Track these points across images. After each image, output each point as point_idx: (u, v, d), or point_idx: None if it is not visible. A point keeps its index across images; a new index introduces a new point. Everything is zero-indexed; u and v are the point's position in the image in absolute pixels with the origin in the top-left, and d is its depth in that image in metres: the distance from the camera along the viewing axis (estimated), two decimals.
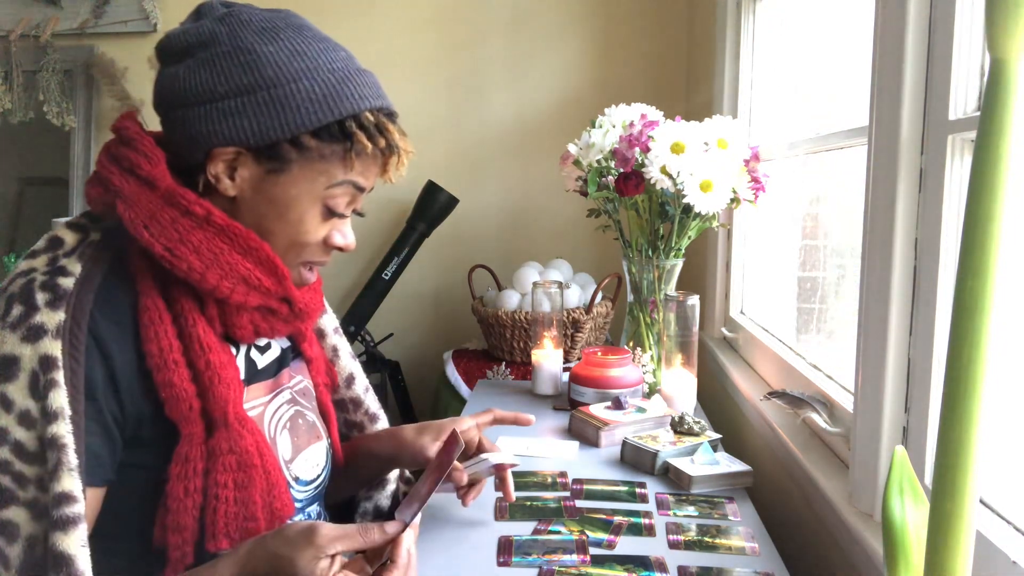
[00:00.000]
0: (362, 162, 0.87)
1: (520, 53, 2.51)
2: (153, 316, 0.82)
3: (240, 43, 0.83)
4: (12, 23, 2.58)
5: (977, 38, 0.83)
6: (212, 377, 0.83)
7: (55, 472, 0.73)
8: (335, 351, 1.13)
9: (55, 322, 0.77)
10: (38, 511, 0.74)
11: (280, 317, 0.90)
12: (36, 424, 0.75)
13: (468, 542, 1.02)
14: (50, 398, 0.74)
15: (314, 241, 0.89)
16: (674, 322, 1.51)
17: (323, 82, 0.83)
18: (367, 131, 0.85)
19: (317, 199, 0.87)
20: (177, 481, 0.81)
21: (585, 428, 1.40)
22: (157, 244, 0.81)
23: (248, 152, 0.84)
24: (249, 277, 0.84)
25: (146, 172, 0.83)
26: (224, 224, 0.83)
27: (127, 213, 0.81)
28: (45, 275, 0.80)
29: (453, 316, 2.59)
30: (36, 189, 2.77)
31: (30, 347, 0.76)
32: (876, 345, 0.96)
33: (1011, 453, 0.83)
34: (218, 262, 0.83)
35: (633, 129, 1.56)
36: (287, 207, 0.86)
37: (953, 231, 0.85)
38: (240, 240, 0.84)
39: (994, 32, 0.42)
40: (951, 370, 0.45)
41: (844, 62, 1.47)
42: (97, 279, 0.82)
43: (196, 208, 0.82)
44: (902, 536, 0.54)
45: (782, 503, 1.33)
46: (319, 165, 0.85)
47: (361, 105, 0.85)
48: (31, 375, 0.75)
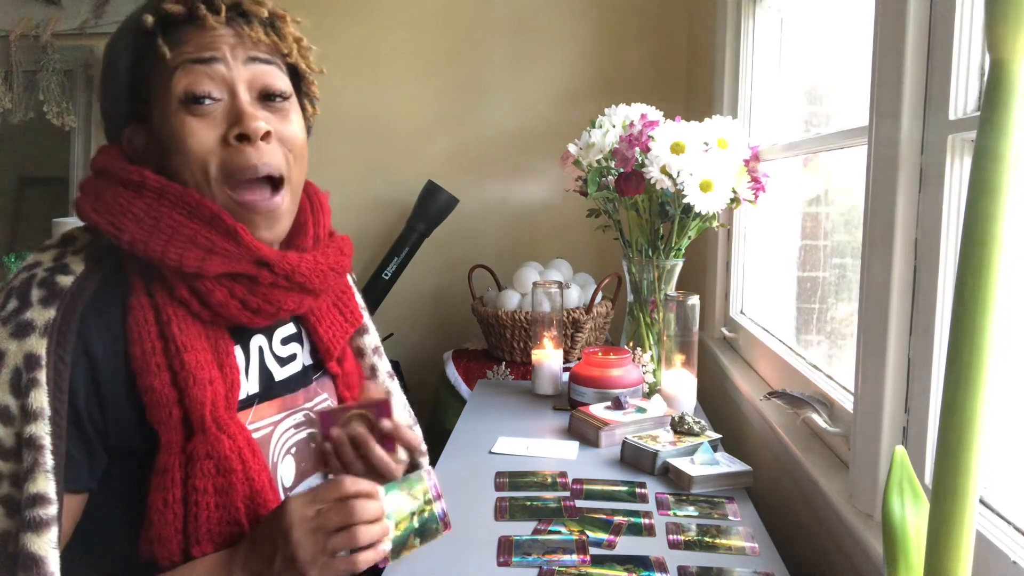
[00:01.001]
0: (186, 41, 0.81)
1: (520, 53, 2.51)
2: (139, 316, 0.79)
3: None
4: (12, 23, 2.58)
5: (977, 38, 0.83)
6: (187, 378, 0.79)
7: (30, 473, 0.72)
8: (373, 370, 1.09)
9: (44, 319, 0.75)
10: (11, 508, 0.73)
11: (265, 285, 0.83)
12: (15, 421, 0.73)
13: (468, 542, 1.02)
14: (31, 397, 0.73)
15: (204, 146, 0.80)
16: (674, 322, 1.51)
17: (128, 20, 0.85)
18: (152, 11, 0.81)
19: (172, 104, 0.80)
20: (156, 492, 0.78)
21: (585, 428, 1.40)
22: (102, 220, 0.80)
23: (137, 123, 0.85)
24: (196, 238, 0.79)
25: (99, 164, 0.84)
26: (160, 186, 0.80)
27: (83, 202, 0.82)
28: (47, 271, 0.78)
29: (453, 316, 2.58)
30: (36, 189, 2.77)
31: (16, 343, 0.74)
32: (876, 345, 0.96)
33: (1011, 453, 0.83)
34: (159, 227, 0.79)
35: (633, 129, 1.56)
36: (162, 136, 0.82)
37: (953, 231, 0.85)
38: (179, 199, 0.79)
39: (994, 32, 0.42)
40: (951, 370, 0.45)
41: (844, 62, 1.47)
42: (95, 280, 0.80)
43: (132, 175, 0.81)
44: (902, 536, 0.54)
45: (782, 503, 1.33)
46: (155, 81, 0.82)
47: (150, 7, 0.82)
48: (14, 371, 0.74)
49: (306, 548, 0.75)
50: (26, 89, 2.58)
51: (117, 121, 0.86)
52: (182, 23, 0.81)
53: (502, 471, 1.24)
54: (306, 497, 0.78)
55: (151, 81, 0.83)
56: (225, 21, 0.81)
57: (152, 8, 0.82)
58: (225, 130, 0.81)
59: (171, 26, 0.81)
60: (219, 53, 0.81)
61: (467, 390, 2.02)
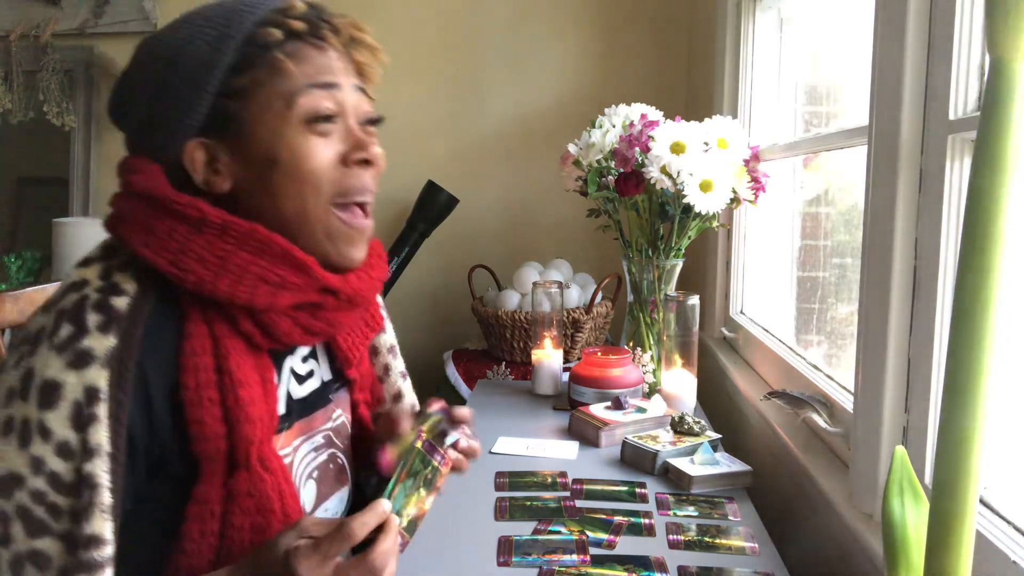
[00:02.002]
0: (304, 60, 0.78)
1: (520, 53, 2.51)
2: (196, 345, 0.76)
3: (139, 55, 0.81)
4: (12, 23, 2.58)
5: (977, 38, 0.83)
6: (240, 415, 0.77)
7: (86, 512, 0.70)
8: (386, 370, 1.07)
9: (104, 348, 0.71)
10: (72, 544, 0.70)
11: (329, 309, 0.82)
12: (75, 456, 0.70)
13: (468, 542, 1.02)
14: (89, 433, 0.70)
15: (325, 166, 0.79)
16: (674, 322, 1.51)
17: (214, 23, 0.78)
18: (275, 24, 0.78)
19: (291, 123, 0.78)
20: (193, 522, 0.77)
21: (585, 428, 1.40)
22: (160, 259, 0.75)
23: (207, 137, 0.78)
24: (266, 275, 0.77)
25: (139, 186, 0.78)
26: (223, 223, 0.76)
27: (127, 233, 0.77)
28: (99, 292, 0.74)
29: (453, 316, 2.58)
30: (36, 189, 2.77)
31: (75, 374, 0.70)
32: (876, 345, 0.96)
33: (1011, 453, 0.83)
34: (226, 267, 0.76)
35: (633, 129, 1.56)
36: (273, 154, 0.78)
37: (953, 231, 0.85)
38: (246, 237, 0.77)
39: (994, 32, 0.42)
40: (951, 370, 0.45)
41: (844, 62, 1.47)
42: (150, 303, 0.76)
43: (190, 211, 0.76)
44: (902, 536, 0.54)
45: (782, 503, 1.33)
46: (265, 93, 0.78)
47: (258, 12, 0.78)
48: (74, 405, 0.70)
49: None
50: (26, 89, 2.57)
51: (176, 133, 0.78)
52: (295, 38, 0.79)
53: (502, 471, 1.24)
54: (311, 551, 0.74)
55: (253, 98, 0.78)
56: (340, 44, 0.81)
57: (274, 21, 0.78)
58: (345, 152, 0.80)
59: (285, 40, 0.79)
60: (337, 79, 0.80)
61: (467, 390, 2.02)
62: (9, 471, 0.70)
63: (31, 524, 0.70)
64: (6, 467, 0.70)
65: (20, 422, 0.71)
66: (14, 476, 0.70)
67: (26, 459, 0.70)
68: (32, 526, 0.70)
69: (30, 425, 0.70)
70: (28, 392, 0.71)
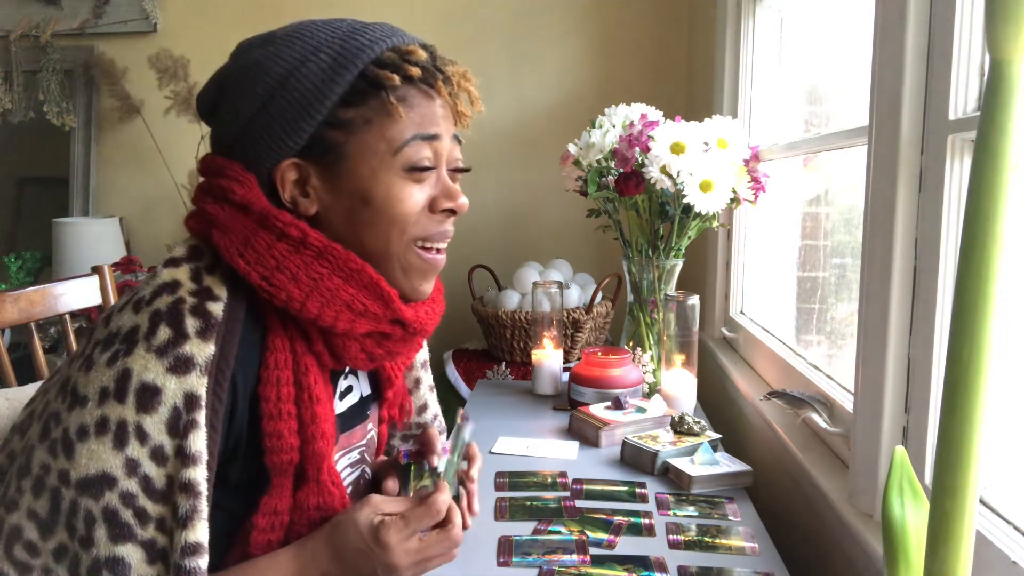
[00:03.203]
0: (413, 107, 0.79)
1: (520, 53, 2.51)
2: (278, 359, 0.78)
3: (245, 61, 0.80)
4: (12, 23, 2.58)
5: (977, 38, 0.83)
6: (315, 432, 0.79)
7: (188, 520, 0.70)
8: (417, 383, 1.09)
9: (205, 356, 0.72)
10: (153, 554, 0.70)
11: (395, 339, 0.84)
12: (168, 462, 0.70)
13: (468, 542, 1.02)
14: (190, 440, 0.70)
15: (415, 211, 0.81)
16: (674, 322, 1.51)
17: (329, 49, 0.77)
18: (393, 67, 0.77)
19: (392, 167, 0.79)
20: (261, 533, 0.79)
21: (585, 428, 1.40)
22: (254, 273, 0.76)
23: (302, 159, 0.79)
24: (353, 303, 0.78)
25: (239, 196, 0.78)
26: (322, 246, 0.77)
27: (222, 241, 0.76)
28: (194, 296, 0.75)
29: (453, 316, 2.57)
30: (36, 189, 2.77)
31: (175, 380, 0.71)
32: (876, 345, 0.96)
33: (1011, 453, 0.83)
34: (318, 289, 0.77)
35: (633, 129, 1.56)
36: (368, 192, 0.79)
37: (953, 231, 0.85)
38: (341, 262, 0.78)
39: (994, 32, 0.42)
40: (951, 370, 0.45)
41: (844, 62, 1.47)
42: (241, 309, 0.77)
43: (292, 230, 0.77)
44: (902, 536, 0.54)
45: (782, 503, 1.33)
46: (371, 133, 0.78)
47: (376, 48, 0.78)
48: (172, 411, 0.70)
49: (413, 572, 0.81)
50: (26, 89, 2.58)
51: (276, 151, 0.78)
52: (408, 82, 0.79)
53: (502, 471, 1.24)
54: (403, 530, 0.80)
55: (357, 133, 0.78)
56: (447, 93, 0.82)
57: (393, 64, 0.78)
58: (434, 197, 0.83)
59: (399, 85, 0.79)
60: (440, 130, 0.82)
61: (467, 390, 2.02)
62: (102, 471, 0.70)
63: (115, 528, 0.69)
64: (99, 467, 0.70)
65: (116, 423, 0.70)
66: (106, 477, 0.69)
67: (121, 461, 0.70)
68: (115, 531, 0.69)
69: (127, 427, 0.70)
70: (125, 393, 0.70)
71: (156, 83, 2.45)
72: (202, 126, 2.45)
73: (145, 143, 2.58)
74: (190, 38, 2.54)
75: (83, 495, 0.70)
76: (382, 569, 0.80)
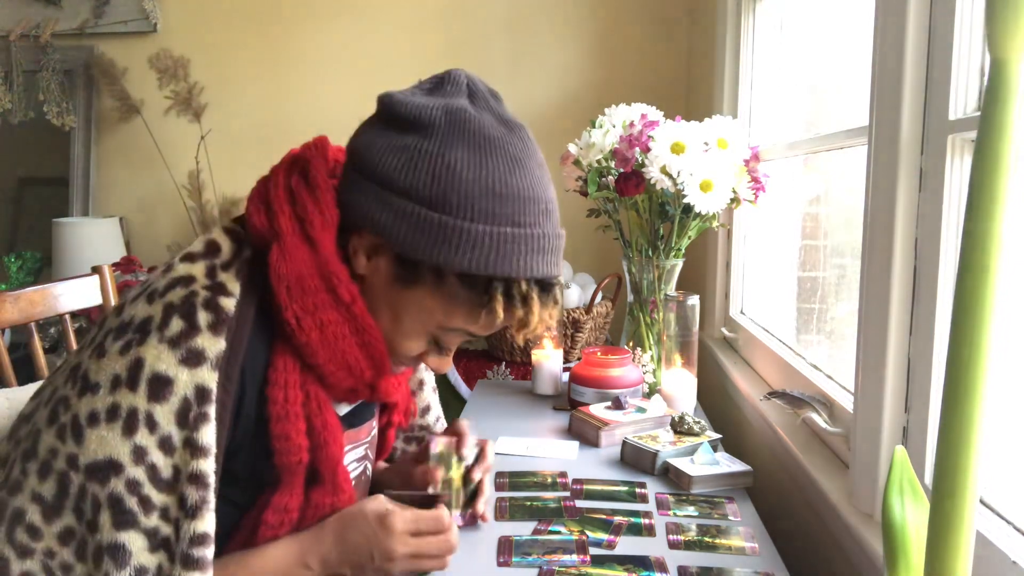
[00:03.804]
0: (490, 320, 0.82)
1: (520, 53, 2.51)
2: (287, 363, 0.80)
3: (447, 150, 0.78)
4: (12, 23, 2.58)
5: (977, 38, 0.83)
6: (327, 437, 0.82)
7: (197, 511, 0.72)
8: (420, 384, 1.13)
9: (216, 351, 0.74)
10: (155, 543, 0.72)
11: (360, 397, 0.89)
12: (175, 452, 0.72)
13: (468, 542, 1.02)
14: (200, 432, 0.72)
15: (410, 356, 0.87)
16: (674, 322, 1.51)
17: (499, 235, 0.78)
18: (510, 299, 0.80)
19: (429, 329, 0.84)
20: (269, 528, 0.81)
21: (585, 428, 1.40)
22: (290, 309, 0.78)
23: (392, 250, 0.80)
24: (355, 367, 0.82)
25: (316, 232, 0.79)
26: (360, 315, 0.81)
27: (278, 263, 0.78)
28: (207, 291, 0.76)
29: None
30: (36, 189, 2.77)
31: (187, 372, 0.72)
32: (876, 345, 0.96)
33: (1011, 453, 0.83)
34: (335, 346, 0.80)
35: (633, 129, 1.55)
36: (400, 318, 0.83)
37: (953, 231, 0.85)
38: (366, 335, 0.82)
39: (994, 32, 0.42)
40: (951, 370, 0.45)
41: (844, 62, 1.47)
42: (252, 307, 0.79)
43: (343, 292, 0.80)
44: (902, 536, 0.54)
45: (782, 503, 1.33)
46: (447, 303, 0.81)
47: (521, 272, 0.80)
48: (183, 402, 0.72)
49: (402, 568, 0.85)
50: (26, 89, 2.58)
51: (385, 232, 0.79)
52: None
53: (502, 471, 1.24)
54: (409, 523, 0.85)
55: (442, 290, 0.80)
56: None
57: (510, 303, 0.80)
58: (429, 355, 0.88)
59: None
60: (485, 334, 0.86)
61: (467, 390, 2.02)
62: (110, 457, 0.71)
63: (119, 515, 0.71)
64: (108, 453, 0.71)
65: (127, 411, 0.71)
66: (113, 463, 0.71)
67: (129, 447, 0.71)
68: (119, 517, 0.71)
69: (137, 415, 0.71)
70: (137, 382, 0.72)
71: (156, 83, 2.45)
72: (202, 126, 2.45)
73: (145, 143, 2.58)
74: (190, 38, 2.54)
75: (91, 480, 0.71)
76: (379, 553, 0.84)
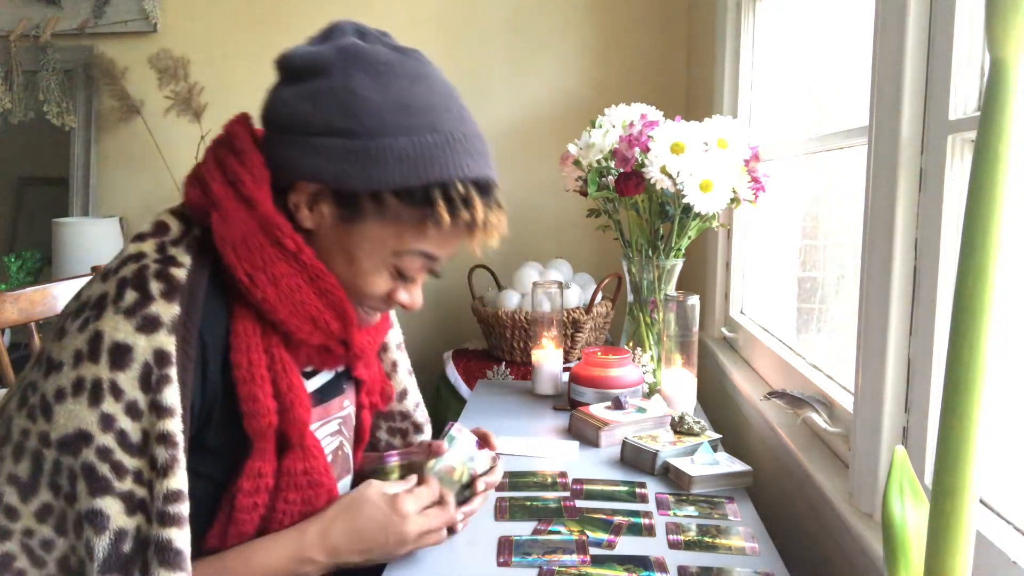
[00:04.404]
0: (440, 233, 0.84)
1: (520, 53, 2.51)
2: (247, 327, 0.81)
3: (349, 82, 0.80)
4: (12, 23, 2.58)
5: (977, 38, 0.83)
6: (293, 399, 0.83)
7: (168, 469, 0.73)
8: (394, 366, 1.15)
9: (170, 315, 0.76)
10: (132, 506, 0.73)
11: (335, 356, 0.89)
12: (143, 417, 0.74)
13: (468, 542, 1.02)
14: (164, 393, 0.74)
15: (376, 294, 0.87)
16: (674, 322, 1.51)
17: (420, 143, 0.80)
18: (451, 203, 0.81)
19: (386, 259, 0.85)
20: (246, 496, 0.82)
21: (585, 428, 1.40)
22: (240, 268, 0.80)
23: (330, 191, 0.82)
24: (318, 318, 0.83)
25: (248, 191, 0.81)
26: (310, 263, 0.82)
27: (219, 228, 0.80)
28: (157, 263, 0.78)
29: (453, 316, 2.58)
30: (36, 189, 2.77)
31: (144, 338, 0.74)
32: (876, 345, 0.96)
33: (1011, 453, 0.83)
34: (292, 298, 0.81)
35: (633, 129, 1.55)
36: (355, 257, 0.84)
37: (953, 231, 0.85)
38: (320, 281, 0.83)
39: (994, 32, 0.42)
40: (951, 370, 0.45)
41: (844, 62, 1.47)
42: (205, 274, 0.81)
43: (288, 242, 0.81)
44: (902, 536, 0.54)
45: (782, 503, 1.33)
46: (394, 226, 0.83)
47: (453, 173, 0.81)
48: (144, 366, 0.74)
49: (412, 547, 0.90)
50: (26, 89, 2.57)
51: (319, 172, 0.81)
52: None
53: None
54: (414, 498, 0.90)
55: (388, 216, 0.82)
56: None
57: (462, 198, 0.82)
58: (395, 290, 0.89)
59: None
60: (443, 254, 0.87)
61: (467, 390, 2.02)
62: (78, 429, 0.73)
63: (93, 482, 0.72)
64: (76, 425, 0.73)
65: (91, 382, 0.73)
66: (84, 434, 0.73)
67: (96, 416, 0.73)
68: (93, 484, 0.72)
69: (101, 384, 0.73)
70: (98, 354, 0.74)
71: (156, 83, 2.45)
72: (202, 126, 2.45)
73: (145, 143, 2.58)
74: (190, 38, 2.54)
75: (63, 453, 0.73)
76: (395, 539, 0.87)
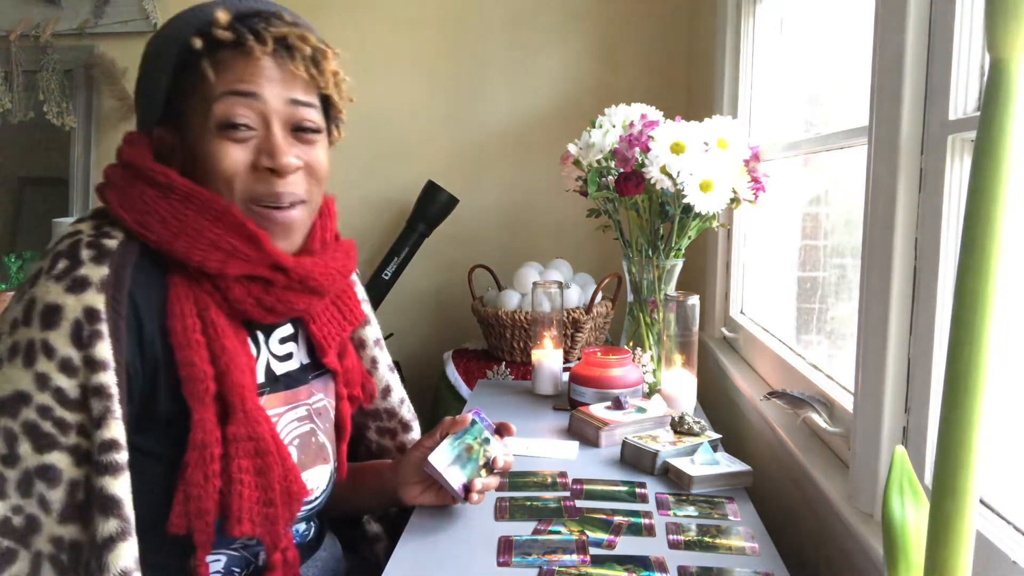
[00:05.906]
0: (228, 68, 0.84)
1: (520, 53, 2.51)
2: (180, 293, 0.83)
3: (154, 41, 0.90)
4: (12, 23, 2.58)
5: (977, 38, 0.83)
6: (228, 362, 0.83)
7: (103, 419, 0.75)
8: (374, 363, 1.14)
9: (99, 276, 0.78)
10: (80, 456, 0.75)
11: (279, 287, 0.87)
12: (78, 372, 0.75)
13: (468, 542, 1.02)
14: (96, 348, 0.76)
15: (235, 170, 0.84)
16: (674, 322, 1.51)
17: (171, 27, 0.87)
18: (203, 33, 0.84)
19: (209, 127, 0.84)
20: (196, 468, 0.81)
21: (585, 428, 1.40)
22: (129, 217, 0.83)
23: (167, 126, 0.88)
24: (219, 242, 0.83)
25: (126, 155, 0.87)
26: (188, 190, 0.83)
27: (110, 196, 0.85)
28: (91, 236, 0.82)
29: (453, 316, 2.58)
30: (36, 189, 2.77)
31: (73, 297, 0.76)
32: (876, 345, 0.96)
33: (1011, 453, 0.83)
34: (185, 230, 0.82)
35: (633, 129, 1.55)
36: (196, 150, 0.86)
37: (953, 231, 0.85)
38: (205, 205, 0.83)
39: (994, 32, 0.42)
40: (951, 370, 0.45)
41: (844, 62, 1.47)
42: (136, 248, 0.83)
43: (160, 177, 0.84)
44: (902, 536, 0.54)
45: (782, 503, 1.33)
46: (195, 96, 0.85)
47: (196, 21, 0.85)
48: (74, 324, 0.76)
49: None
50: (26, 89, 2.57)
51: (149, 118, 0.89)
52: (227, 47, 0.84)
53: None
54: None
55: (189, 98, 0.86)
56: (270, 53, 0.84)
57: (201, 31, 0.84)
58: (256, 158, 0.85)
59: (216, 48, 0.84)
60: (259, 88, 0.84)
61: (467, 390, 2.02)
62: (16, 390, 0.75)
63: (39, 439, 0.74)
64: (13, 387, 0.75)
65: (25, 344, 0.76)
66: (21, 395, 0.74)
67: (31, 376, 0.75)
68: (40, 441, 0.74)
69: (34, 345, 0.75)
70: (31, 318, 0.77)
71: None
72: None
73: None
74: None
75: (3, 416, 0.74)
76: None
